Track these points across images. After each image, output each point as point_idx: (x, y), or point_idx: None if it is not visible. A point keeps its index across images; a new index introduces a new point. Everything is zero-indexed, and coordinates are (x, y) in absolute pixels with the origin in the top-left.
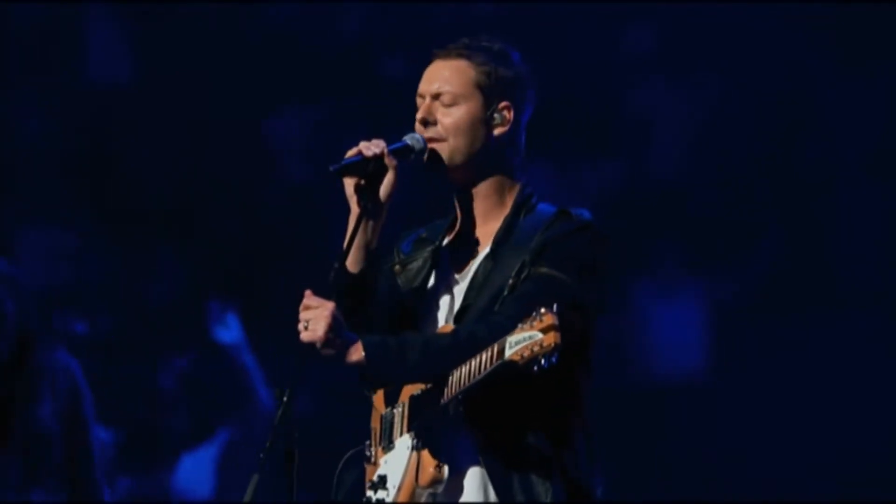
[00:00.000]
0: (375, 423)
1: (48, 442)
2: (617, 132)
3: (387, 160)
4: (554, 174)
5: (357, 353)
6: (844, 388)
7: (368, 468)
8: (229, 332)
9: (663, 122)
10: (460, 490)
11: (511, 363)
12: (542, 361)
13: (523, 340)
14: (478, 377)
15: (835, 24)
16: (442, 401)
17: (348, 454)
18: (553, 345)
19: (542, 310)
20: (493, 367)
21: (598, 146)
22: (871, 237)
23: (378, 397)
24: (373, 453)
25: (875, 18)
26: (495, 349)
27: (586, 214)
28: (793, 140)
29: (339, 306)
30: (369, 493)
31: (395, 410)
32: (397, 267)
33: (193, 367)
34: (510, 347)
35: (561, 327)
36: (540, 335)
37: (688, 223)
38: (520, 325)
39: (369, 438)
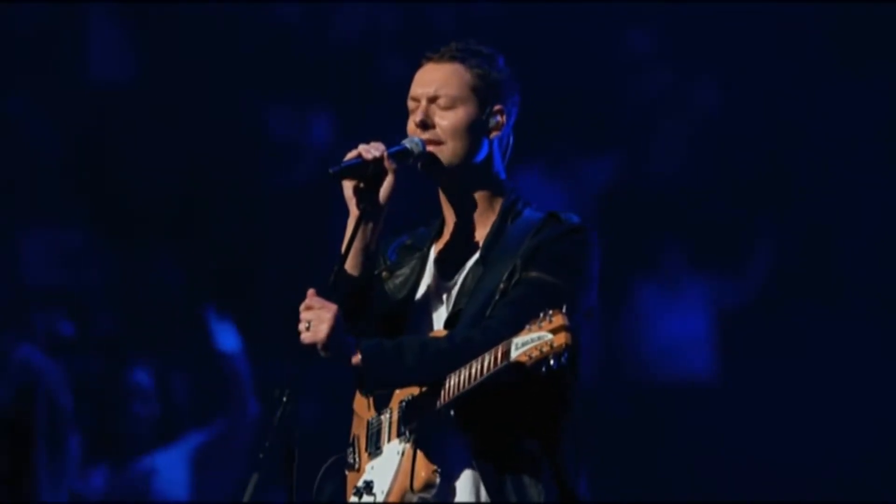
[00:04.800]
0: (358, 430)
1: None
2: (619, 133)
3: (386, 163)
4: (558, 174)
5: (355, 356)
6: (849, 388)
7: (350, 475)
8: (227, 340)
9: (665, 123)
10: (452, 493)
11: (518, 364)
12: (552, 362)
13: (531, 341)
14: (480, 379)
15: (834, 24)
16: (438, 404)
17: (328, 462)
18: (564, 345)
19: (551, 310)
20: (497, 368)
21: (601, 146)
22: (875, 236)
23: (360, 404)
24: (357, 460)
25: (874, 19)
26: (500, 351)
27: (575, 218)
28: (795, 140)
29: (339, 309)
30: (353, 498)
31: (382, 416)
32: (384, 273)
33: (188, 368)
34: (516, 349)
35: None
36: (550, 336)
37: (692, 224)
38: (527, 327)
39: (351, 445)
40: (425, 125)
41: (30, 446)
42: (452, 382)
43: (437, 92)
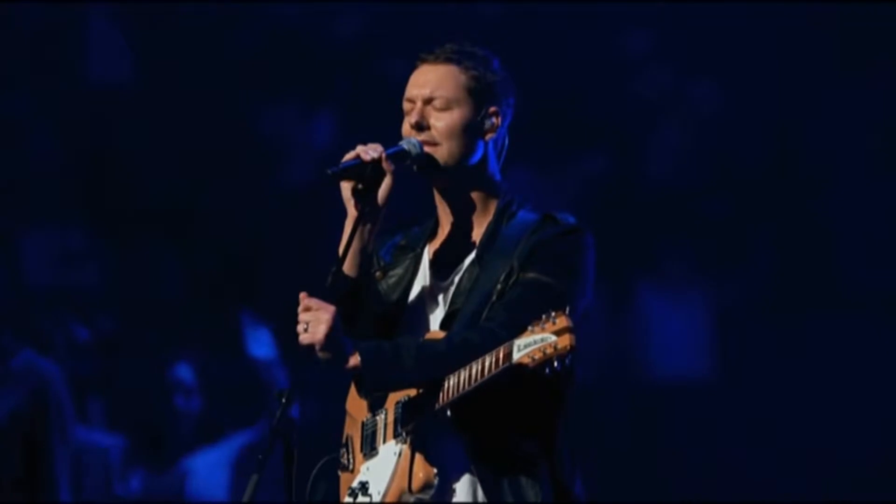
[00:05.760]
0: (352, 431)
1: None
2: (619, 134)
3: (384, 164)
4: (558, 174)
5: (353, 357)
6: (849, 388)
7: (344, 476)
8: (263, 348)
9: (666, 123)
10: (450, 494)
11: (520, 366)
12: (556, 364)
13: (534, 343)
14: (480, 381)
15: (835, 25)
16: (436, 406)
17: (321, 462)
18: (568, 347)
19: (554, 312)
20: (498, 370)
21: (602, 147)
22: (876, 237)
23: (354, 405)
24: (351, 461)
25: (875, 19)
26: (501, 353)
27: (571, 219)
28: (796, 141)
29: (337, 310)
30: (348, 499)
31: (377, 417)
32: (378, 273)
33: (200, 368)
34: (518, 350)
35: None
36: (553, 337)
37: (693, 225)
38: (529, 328)
39: (344, 446)
40: (421, 126)
41: (46, 447)
42: (451, 383)
43: (433, 93)
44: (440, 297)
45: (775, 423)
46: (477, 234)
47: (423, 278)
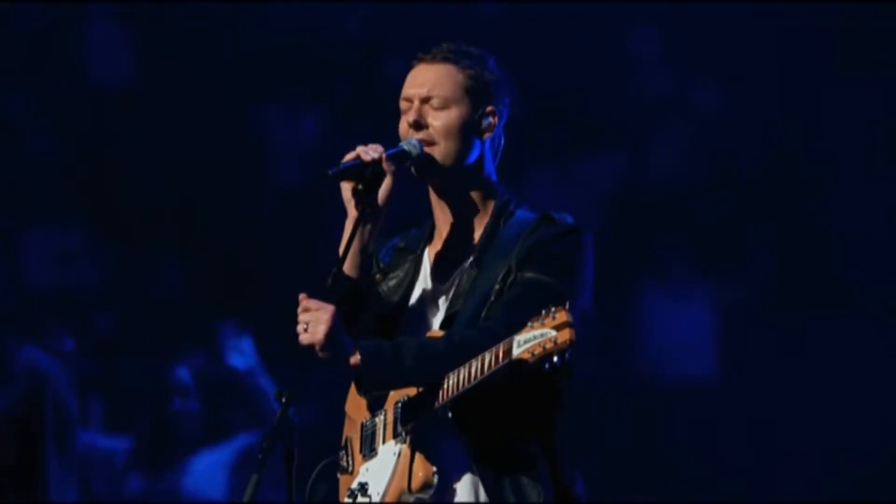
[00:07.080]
0: (351, 433)
1: None
2: (621, 135)
3: (385, 165)
4: (560, 175)
5: (354, 357)
6: (849, 389)
7: (343, 478)
8: (243, 357)
9: (668, 124)
10: (450, 493)
11: (520, 362)
12: (556, 359)
13: (534, 338)
14: (480, 378)
15: (835, 25)
16: (436, 405)
17: (321, 465)
18: (568, 341)
19: (554, 307)
20: (498, 366)
21: (603, 148)
22: (876, 237)
23: (353, 406)
24: (350, 462)
25: (875, 19)
26: (501, 349)
27: (569, 218)
28: (796, 141)
29: (337, 310)
30: (347, 500)
31: (376, 418)
32: (378, 276)
33: (199, 369)
34: (518, 346)
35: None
36: (553, 332)
37: (694, 225)
38: (529, 324)
39: (343, 448)
40: (419, 125)
41: (39, 446)
42: (452, 382)
43: (431, 92)
44: (440, 300)
45: (776, 423)
46: (475, 234)
47: (423, 281)
